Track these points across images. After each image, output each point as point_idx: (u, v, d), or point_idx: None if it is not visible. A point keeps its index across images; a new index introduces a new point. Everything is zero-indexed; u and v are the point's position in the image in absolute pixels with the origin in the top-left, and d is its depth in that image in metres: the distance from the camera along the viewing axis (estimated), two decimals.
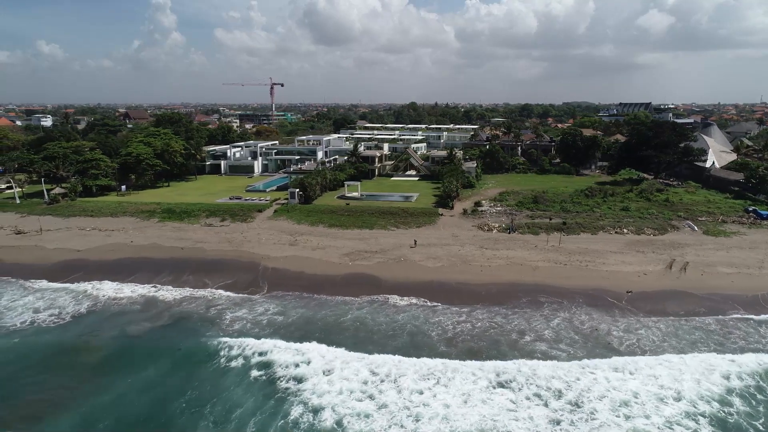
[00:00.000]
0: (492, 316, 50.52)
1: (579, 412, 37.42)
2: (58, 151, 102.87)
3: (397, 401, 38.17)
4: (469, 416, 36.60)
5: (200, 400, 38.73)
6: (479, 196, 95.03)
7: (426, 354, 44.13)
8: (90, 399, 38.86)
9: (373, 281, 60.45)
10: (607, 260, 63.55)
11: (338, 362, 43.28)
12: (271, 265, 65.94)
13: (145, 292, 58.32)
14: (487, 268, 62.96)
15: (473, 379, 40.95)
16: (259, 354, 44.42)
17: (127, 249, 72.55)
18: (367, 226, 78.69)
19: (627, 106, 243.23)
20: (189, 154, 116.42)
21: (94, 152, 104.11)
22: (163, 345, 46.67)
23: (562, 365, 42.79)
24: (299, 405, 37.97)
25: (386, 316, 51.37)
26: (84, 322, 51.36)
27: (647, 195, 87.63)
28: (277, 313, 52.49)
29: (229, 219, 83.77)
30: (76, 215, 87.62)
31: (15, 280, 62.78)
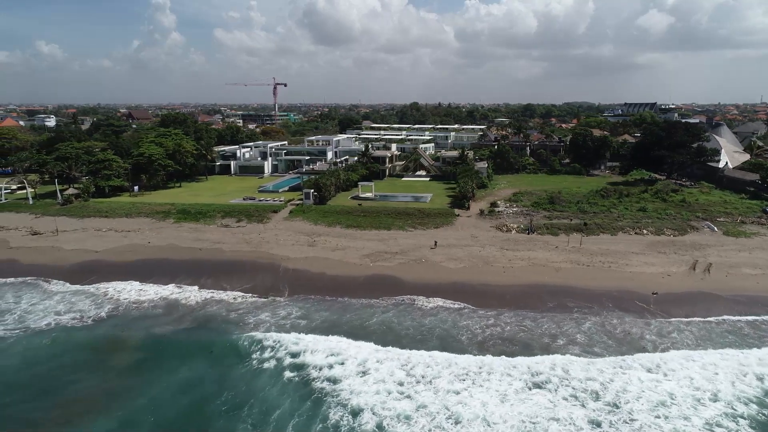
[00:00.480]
0: (520, 319, 50.24)
1: (617, 412, 37.28)
2: (71, 151, 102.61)
3: (435, 401, 38.03)
4: (509, 417, 36.46)
5: (237, 402, 38.55)
6: (493, 197, 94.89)
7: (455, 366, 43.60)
8: (126, 401, 38.64)
9: (395, 282, 60.27)
10: (630, 261, 63.45)
11: (371, 360, 43.26)
12: (291, 266, 65.75)
13: (166, 294, 57.93)
14: (509, 269, 62.83)
15: (509, 380, 40.89)
16: (291, 356, 44.25)
17: (145, 250, 72.33)
18: (385, 226, 78.51)
19: (632, 107, 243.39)
20: (200, 154, 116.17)
21: (105, 153, 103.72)
22: (193, 347, 46.46)
23: (595, 365, 42.72)
24: (337, 407, 37.79)
25: (413, 319, 50.94)
26: (108, 324, 50.98)
27: (663, 195, 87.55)
28: (301, 317, 52.01)
29: (245, 220, 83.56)
30: (91, 216, 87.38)
31: (34, 281, 62.47)
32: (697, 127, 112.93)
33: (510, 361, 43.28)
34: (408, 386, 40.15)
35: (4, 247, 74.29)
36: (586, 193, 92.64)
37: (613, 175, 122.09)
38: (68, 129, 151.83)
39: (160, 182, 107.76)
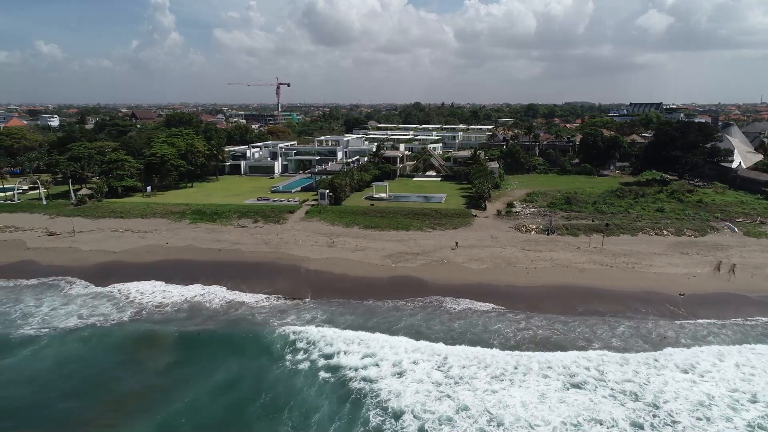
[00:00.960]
0: (551, 323, 49.90)
1: (658, 413, 37.14)
2: (83, 151, 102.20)
3: (476, 403, 37.86)
4: (551, 419, 36.31)
5: (276, 404, 38.37)
6: (508, 197, 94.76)
7: (493, 366, 43.47)
8: (164, 405, 38.37)
9: (419, 284, 60.05)
10: (653, 262, 63.35)
11: (406, 361, 43.14)
12: (312, 267, 65.48)
13: (190, 296, 57.49)
14: (533, 270, 62.68)
15: (546, 381, 40.79)
16: (325, 357, 44.07)
17: (163, 251, 72.02)
18: (403, 227, 78.30)
19: (637, 106, 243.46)
20: (211, 154, 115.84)
21: (117, 153, 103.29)
22: (224, 349, 46.23)
23: (630, 366, 42.63)
24: (377, 408, 37.61)
25: (442, 323, 50.45)
26: (134, 327, 50.63)
27: (679, 196, 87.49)
28: (326, 321, 51.56)
29: (261, 220, 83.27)
30: (106, 216, 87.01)
31: (55, 283, 62.11)
32: (710, 127, 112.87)
33: (547, 356, 43.43)
34: (446, 387, 40.04)
35: (22, 248, 73.96)
36: (601, 194, 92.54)
37: (623, 175, 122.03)
38: (80, 129, 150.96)
39: (171, 182, 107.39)
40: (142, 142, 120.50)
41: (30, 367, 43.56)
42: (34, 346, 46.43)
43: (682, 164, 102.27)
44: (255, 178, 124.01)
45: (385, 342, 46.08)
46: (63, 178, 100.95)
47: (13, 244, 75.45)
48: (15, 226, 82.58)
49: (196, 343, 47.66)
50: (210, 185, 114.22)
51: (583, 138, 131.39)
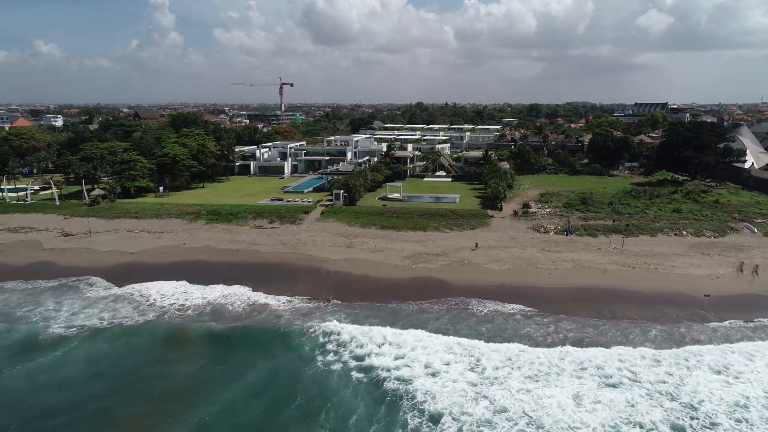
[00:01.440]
0: (581, 326, 49.43)
1: (696, 415, 36.97)
2: (95, 152, 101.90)
3: (514, 404, 37.71)
4: (590, 421, 36.15)
5: (312, 406, 38.09)
6: (521, 197, 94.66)
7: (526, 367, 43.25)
8: (199, 408, 38.04)
9: (441, 285, 59.82)
10: (676, 263, 63.24)
11: (438, 362, 43.00)
12: (332, 269, 65.24)
13: (211, 298, 56.85)
14: (554, 271, 62.53)
15: (580, 382, 40.69)
16: (356, 359, 43.89)
17: (181, 252, 71.76)
18: (421, 227, 78.13)
19: (642, 107, 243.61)
20: (222, 155, 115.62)
21: (129, 153, 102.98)
22: (253, 351, 45.92)
23: (662, 367, 42.53)
24: (414, 410, 37.43)
25: (469, 327, 49.74)
26: (159, 329, 50.24)
27: (694, 196, 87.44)
28: (351, 324, 50.64)
29: (277, 221, 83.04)
30: (120, 217, 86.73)
31: (74, 284, 61.64)
32: (723, 127, 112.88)
33: (579, 355, 43.46)
34: (481, 387, 39.92)
35: (38, 249, 73.66)
36: (616, 194, 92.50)
37: (633, 175, 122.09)
38: (89, 130, 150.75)
39: (183, 183, 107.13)
40: (151, 142, 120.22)
41: (61, 369, 43.27)
42: (64, 347, 46.13)
43: (695, 165, 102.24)
44: (265, 178, 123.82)
45: (416, 342, 45.87)
46: (75, 178, 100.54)
47: (29, 244, 75.15)
48: (30, 227, 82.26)
49: (224, 345, 47.36)
50: (221, 185, 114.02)
51: (593, 138, 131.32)
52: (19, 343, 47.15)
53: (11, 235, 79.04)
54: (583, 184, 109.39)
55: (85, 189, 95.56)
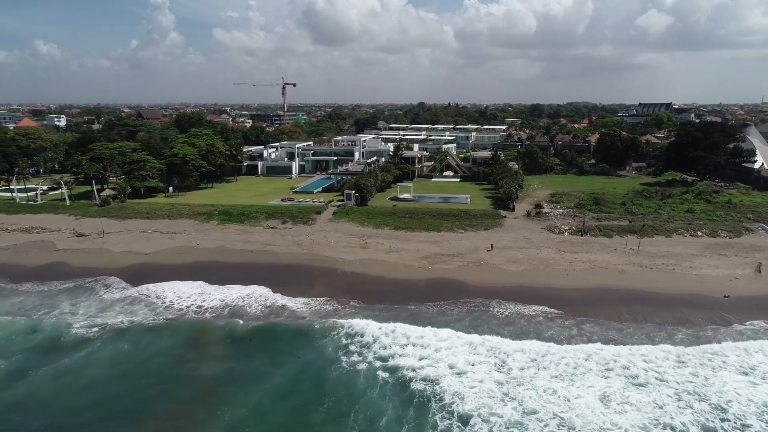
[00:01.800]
0: (604, 329, 48.95)
1: (727, 416, 36.88)
2: (105, 152, 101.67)
3: (543, 406, 37.64)
4: (621, 423, 36.07)
5: (341, 408, 37.96)
6: (532, 198, 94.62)
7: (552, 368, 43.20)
8: (227, 411, 37.83)
9: (459, 286, 59.64)
10: (693, 263, 63.18)
11: (463, 362, 42.94)
12: (348, 269, 65.14)
13: (230, 299, 56.24)
14: (572, 271, 62.43)
15: (607, 382, 40.66)
16: (381, 359, 43.78)
17: (195, 252, 71.56)
18: (434, 228, 78.02)
19: (646, 107, 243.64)
20: (231, 155, 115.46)
21: (139, 153, 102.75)
22: (277, 352, 45.80)
23: (687, 367, 42.46)
24: (443, 411, 37.34)
25: (491, 329, 49.20)
26: (180, 331, 50.00)
27: (706, 197, 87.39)
28: (372, 325, 50.06)
29: (290, 221, 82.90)
30: (132, 217, 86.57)
31: (89, 285, 61.31)
32: (733, 127, 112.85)
33: (604, 354, 43.45)
34: (508, 387, 39.89)
35: (51, 249, 73.48)
36: (627, 194, 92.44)
37: (641, 175, 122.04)
38: (97, 130, 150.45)
39: (192, 183, 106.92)
40: (159, 142, 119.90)
41: (86, 370, 43.11)
42: (87, 348, 45.99)
43: (705, 165, 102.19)
44: (273, 178, 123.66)
45: (440, 343, 45.76)
46: (84, 178, 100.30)
47: (42, 245, 74.95)
48: (42, 227, 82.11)
49: (247, 346, 47.20)
50: (229, 186, 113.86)
51: (600, 138, 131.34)
52: (42, 344, 47.01)
53: (24, 235, 78.87)
54: (592, 184, 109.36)
55: (96, 189, 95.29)
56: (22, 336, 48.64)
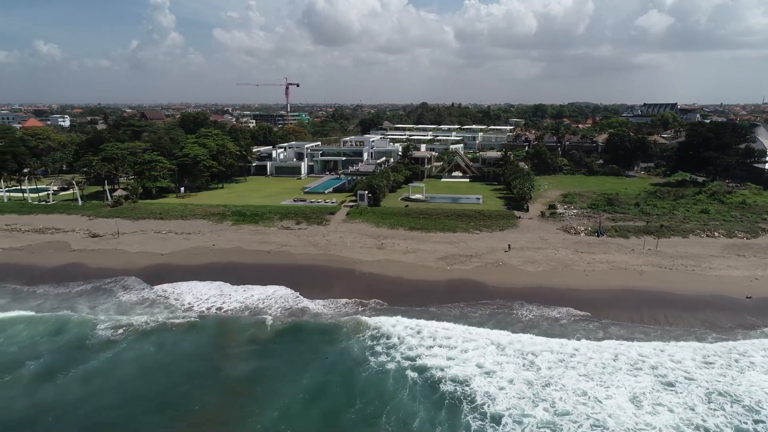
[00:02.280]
0: (631, 332, 48.72)
1: (761, 419, 36.85)
2: (117, 152, 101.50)
3: (575, 406, 37.64)
4: (655, 423, 36.05)
5: (372, 410, 37.91)
6: (544, 198, 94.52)
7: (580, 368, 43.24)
8: (260, 414, 37.67)
9: (478, 287, 59.60)
10: (712, 264, 63.17)
11: (491, 362, 42.95)
12: (366, 270, 65.05)
13: (250, 301, 56.04)
14: (591, 272, 62.40)
15: (636, 380, 40.74)
16: (409, 359, 43.77)
17: (211, 253, 71.45)
18: (449, 229, 77.96)
19: (651, 107, 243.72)
20: (241, 155, 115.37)
21: (151, 153, 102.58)
22: (303, 354, 45.64)
23: (715, 368, 42.45)
24: (474, 412, 37.31)
25: (517, 332, 49.30)
26: (202, 333, 49.94)
27: (720, 197, 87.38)
28: (397, 326, 49.99)
29: (304, 222, 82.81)
30: (145, 218, 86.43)
31: (108, 287, 61.02)
32: (744, 127, 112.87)
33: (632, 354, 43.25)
34: (538, 386, 39.95)
35: (67, 250, 73.34)
36: (640, 194, 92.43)
37: (650, 176, 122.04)
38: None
39: (203, 183, 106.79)
40: (168, 142, 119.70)
41: (114, 372, 43.02)
42: (113, 350, 45.90)
43: (716, 165, 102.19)
44: (282, 178, 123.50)
45: (466, 344, 45.74)
46: (96, 178, 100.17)
47: (57, 245, 74.83)
48: (56, 228, 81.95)
49: (272, 348, 47.14)
50: (239, 186, 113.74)
51: (609, 138, 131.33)
52: (68, 345, 46.95)
53: (38, 236, 78.72)
54: (602, 184, 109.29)
55: (107, 190, 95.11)
56: (46, 337, 48.58)
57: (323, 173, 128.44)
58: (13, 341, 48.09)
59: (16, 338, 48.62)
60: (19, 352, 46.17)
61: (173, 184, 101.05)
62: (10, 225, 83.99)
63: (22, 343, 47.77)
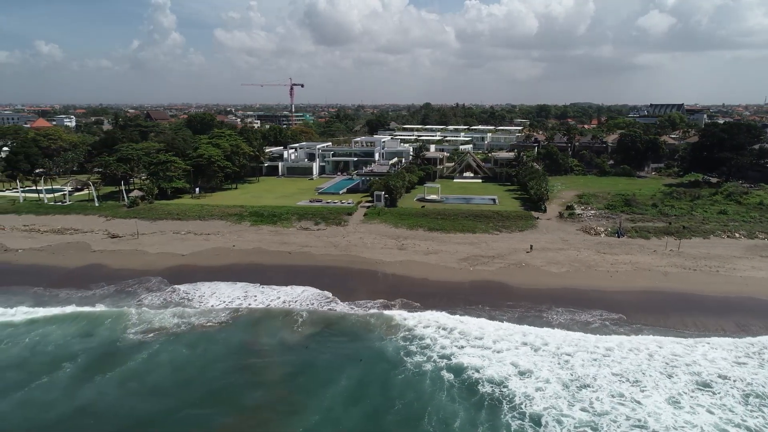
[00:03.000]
0: (663, 332, 48.70)
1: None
2: (132, 153, 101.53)
3: (613, 406, 37.79)
4: (696, 422, 36.15)
5: (412, 411, 37.97)
6: (559, 199, 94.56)
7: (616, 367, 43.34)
8: (301, 418, 37.57)
9: (503, 289, 59.55)
10: (736, 265, 63.25)
11: (525, 362, 43.08)
12: (389, 271, 65.07)
13: (275, 303, 56.09)
14: (615, 273, 62.45)
15: (672, 381, 40.88)
16: (444, 358, 43.87)
17: (232, 254, 71.45)
18: (469, 229, 78.04)
19: (658, 107, 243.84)
20: (254, 155, 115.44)
21: (166, 154, 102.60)
22: (337, 356, 45.53)
23: (748, 366, 42.56)
24: (513, 412, 37.42)
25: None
26: (235, 335, 49.80)
27: (736, 198, 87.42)
28: (428, 326, 50.03)
29: (322, 222, 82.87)
30: (163, 218, 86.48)
31: (132, 289, 60.77)
32: (757, 128, 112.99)
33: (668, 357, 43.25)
34: (575, 386, 40.15)
35: (87, 251, 73.35)
36: (657, 195, 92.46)
37: (662, 176, 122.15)
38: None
39: (217, 184, 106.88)
40: (181, 142, 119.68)
41: (149, 375, 42.92)
42: (146, 352, 45.89)
43: (730, 166, 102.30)
44: (294, 179, 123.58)
45: (500, 346, 45.81)
46: (111, 179, 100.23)
47: (77, 246, 74.85)
48: (74, 228, 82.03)
49: (304, 351, 46.90)
50: (253, 186, 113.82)
51: (620, 139, 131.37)
52: (101, 349, 46.85)
53: (57, 236, 78.77)
54: (615, 185, 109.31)
55: (124, 190, 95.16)
56: (77, 338, 48.58)
57: (335, 174, 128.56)
58: (49, 340, 48.28)
59: (50, 337, 48.76)
60: (56, 351, 46.39)
61: (188, 184, 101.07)
62: (28, 225, 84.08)
63: (57, 342, 47.89)
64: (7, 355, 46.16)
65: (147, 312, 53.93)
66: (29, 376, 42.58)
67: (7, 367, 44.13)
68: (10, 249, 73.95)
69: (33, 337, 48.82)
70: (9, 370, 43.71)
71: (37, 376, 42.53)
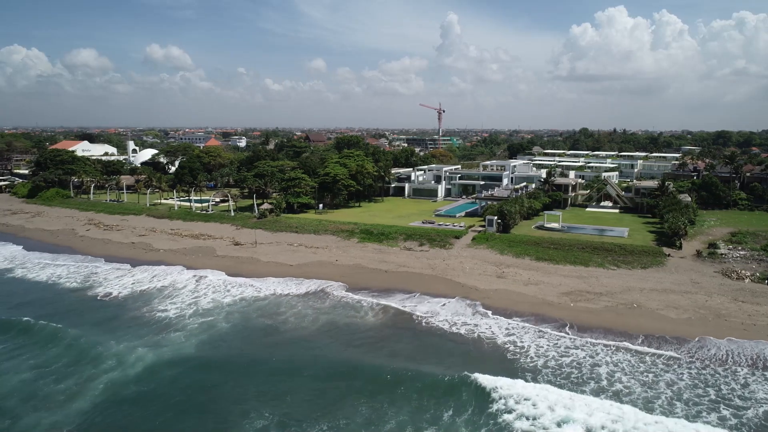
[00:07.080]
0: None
1: None
2: (267, 169, 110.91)
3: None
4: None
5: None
6: (706, 236, 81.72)
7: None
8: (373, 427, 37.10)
9: (605, 333, 52.40)
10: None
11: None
12: (478, 298, 61.49)
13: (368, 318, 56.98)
14: (751, 327, 51.83)
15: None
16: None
17: (333, 268, 73.54)
18: (581, 262, 71.01)
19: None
20: (379, 176, 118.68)
21: (296, 171, 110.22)
22: (421, 402, 41.11)
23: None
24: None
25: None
26: (319, 337, 51.74)
27: None
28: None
29: (427, 244, 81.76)
30: (283, 230, 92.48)
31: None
32: None
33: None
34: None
35: (212, 255, 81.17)
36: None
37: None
38: (263, 150, 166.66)
39: (341, 201, 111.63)
40: (316, 162, 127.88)
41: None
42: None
43: None
44: (418, 200, 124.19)
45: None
46: (249, 192, 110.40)
47: (205, 250, 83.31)
48: (208, 234, 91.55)
49: (385, 382, 43.56)
50: (376, 206, 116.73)
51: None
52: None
53: (193, 240, 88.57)
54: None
55: (256, 203, 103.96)
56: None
57: (460, 196, 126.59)
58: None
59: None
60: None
61: (313, 200, 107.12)
62: (175, 230, 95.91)
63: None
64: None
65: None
66: None
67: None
68: (155, 249, 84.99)
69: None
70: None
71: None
